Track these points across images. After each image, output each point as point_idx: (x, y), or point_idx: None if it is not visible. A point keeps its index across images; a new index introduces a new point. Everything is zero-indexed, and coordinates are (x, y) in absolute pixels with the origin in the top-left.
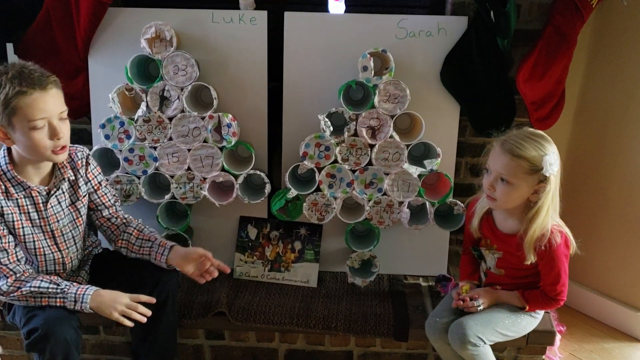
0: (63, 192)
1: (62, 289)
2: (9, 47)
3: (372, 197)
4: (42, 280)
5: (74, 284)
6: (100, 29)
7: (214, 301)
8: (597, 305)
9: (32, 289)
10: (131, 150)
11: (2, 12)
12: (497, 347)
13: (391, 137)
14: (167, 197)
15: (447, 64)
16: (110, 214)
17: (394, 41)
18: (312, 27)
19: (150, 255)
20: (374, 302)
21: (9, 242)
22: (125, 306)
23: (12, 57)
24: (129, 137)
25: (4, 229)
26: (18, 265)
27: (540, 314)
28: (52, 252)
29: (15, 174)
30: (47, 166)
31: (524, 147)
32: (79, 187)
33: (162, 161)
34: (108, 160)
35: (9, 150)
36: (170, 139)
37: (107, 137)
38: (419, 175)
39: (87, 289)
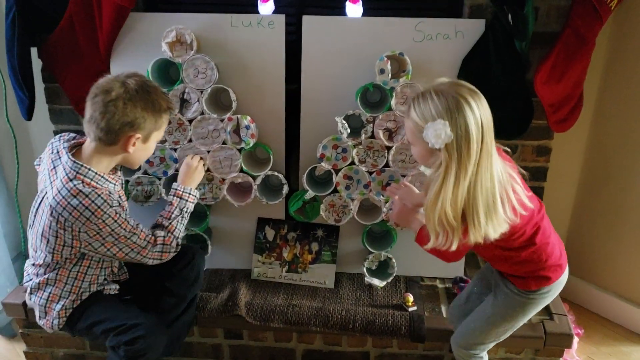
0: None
1: (175, 207)
2: (33, 51)
3: (389, 199)
4: (163, 218)
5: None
6: (122, 33)
7: (232, 303)
8: (616, 308)
9: (172, 222)
10: None
11: (26, 17)
12: (514, 350)
13: None
14: None
15: (465, 67)
16: None
17: (411, 44)
18: (330, 30)
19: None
20: (390, 304)
21: (136, 225)
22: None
23: (36, 61)
24: None
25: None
26: (148, 233)
27: (539, 297)
28: None
29: None
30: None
31: None
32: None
33: None
34: None
35: None
36: (190, 140)
37: None
38: None
39: (183, 189)
